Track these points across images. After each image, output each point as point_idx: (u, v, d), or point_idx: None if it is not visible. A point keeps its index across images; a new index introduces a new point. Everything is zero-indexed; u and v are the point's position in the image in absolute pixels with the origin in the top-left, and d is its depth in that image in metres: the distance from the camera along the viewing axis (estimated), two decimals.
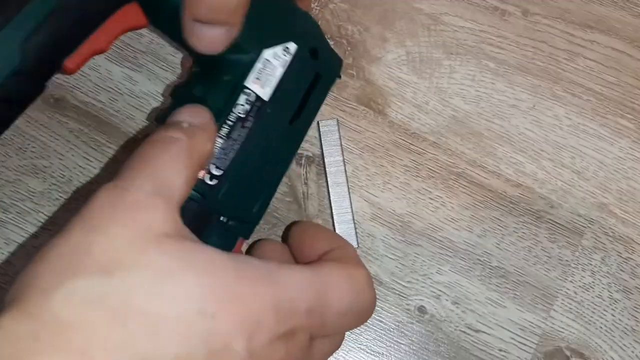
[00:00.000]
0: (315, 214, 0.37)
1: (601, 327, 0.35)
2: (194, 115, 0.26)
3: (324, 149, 0.38)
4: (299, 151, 0.38)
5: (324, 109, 0.38)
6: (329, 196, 0.37)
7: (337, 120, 0.38)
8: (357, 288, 0.26)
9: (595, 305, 0.36)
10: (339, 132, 0.38)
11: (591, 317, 0.36)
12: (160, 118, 0.29)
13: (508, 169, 0.38)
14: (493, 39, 0.40)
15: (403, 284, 0.36)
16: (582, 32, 0.40)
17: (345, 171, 0.37)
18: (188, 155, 0.25)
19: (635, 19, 0.41)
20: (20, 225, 0.36)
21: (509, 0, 0.41)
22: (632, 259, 0.36)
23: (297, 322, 0.23)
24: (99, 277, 0.20)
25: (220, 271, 0.22)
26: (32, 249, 0.36)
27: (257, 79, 0.29)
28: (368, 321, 0.35)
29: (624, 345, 0.35)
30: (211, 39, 0.27)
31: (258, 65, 0.29)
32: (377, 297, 0.36)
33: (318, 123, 0.38)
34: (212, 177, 0.28)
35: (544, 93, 0.39)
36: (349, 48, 0.40)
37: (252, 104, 0.29)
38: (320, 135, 0.38)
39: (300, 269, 0.25)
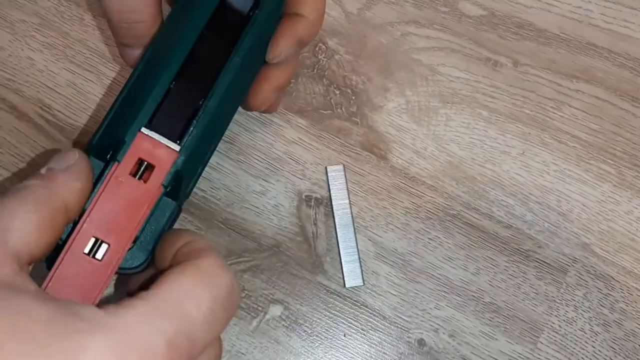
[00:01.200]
0: (324, 253, 0.41)
1: (583, 358, 0.39)
2: (57, 161, 0.27)
3: (331, 192, 0.41)
4: (309, 193, 0.42)
5: (331, 154, 0.42)
6: (337, 237, 0.40)
7: (344, 165, 0.42)
8: (210, 281, 0.24)
9: (578, 337, 0.39)
10: (345, 177, 0.41)
11: (574, 348, 0.39)
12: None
13: (499, 211, 0.41)
14: (486, 88, 0.44)
15: (404, 318, 0.40)
16: (568, 81, 0.44)
17: (352, 213, 0.41)
18: (40, 200, 0.24)
19: (617, 68, 0.44)
20: None
21: (500, 51, 0.45)
22: (611, 295, 0.40)
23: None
24: None
25: (39, 326, 0.20)
26: None
27: None
28: (372, 353, 0.39)
29: None
30: (131, 57, 0.34)
31: None
32: (381, 330, 0.39)
33: (326, 168, 0.41)
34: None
35: (533, 140, 0.43)
36: (353, 97, 0.44)
37: None
38: (328, 179, 0.41)
39: (140, 302, 0.22)
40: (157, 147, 0.29)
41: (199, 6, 0.31)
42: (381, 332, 0.39)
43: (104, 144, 0.29)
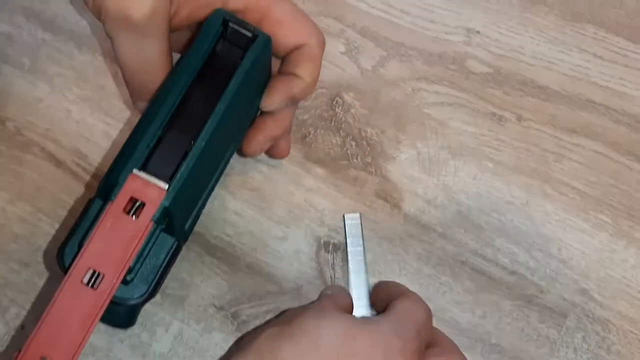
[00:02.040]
0: None
1: None
2: None
3: (347, 239, 0.44)
4: (327, 239, 0.45)
5: (347, 202, 0.45)
6: (349, 282, 0.43)
7: (360, 214, 0.45)
8: (419, 301, 0.38)
9: None
10: (361, 225, 0.45)
11: None
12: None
13: (504, 259, 0.44)
14: (492, 141, 0.47)
15: None
16: (568, 136, 0.47)
17: (365, 259, 0.44)
18: None
19: (615, 124, 0.48)
20: None
21: (505, 107, 0.48)
22: (608, 337, 0.43)
23: (415, 342, 0.33)
24: None
25: None
26: None
27: None
28: None
29: None
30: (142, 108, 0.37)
31: None
32: None
33: (344, 216, 0.45)
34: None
35: (536, 191, 0.46)
36: (368, 148, 0.47)
37: None
38: (345, 227, 0.44)
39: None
40: (147, 186, 0.32)
41: (188, 61, 0.34)
42: None
43: (106, 186, 0.33)
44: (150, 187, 0.32)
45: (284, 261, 0.44)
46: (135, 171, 0.32)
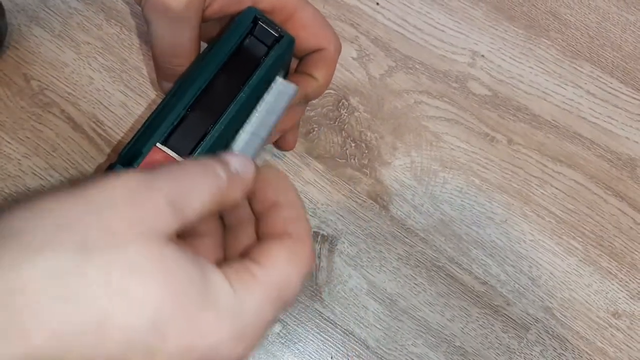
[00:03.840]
0: (323, 284, 0.47)
1: None
2: (243, 166, 0.27)
3: (265, 101, 0.38)
4: (317, 230, 0.48)
5: (340, 198, 0.48)
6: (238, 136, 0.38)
7: (297, 89, 0.39)
8: (304, 274, 0.26)
9: None
10: (289, 101, 0.38)
11: None
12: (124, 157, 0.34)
13: (478, 269, 0.48)
14: (481, 160, 0.50)
15: (385, 350, 0.46)
16: (553, 164, 0.51)
17: (270, 130, 0.38)
18: (218, 192, 0.25)
19: (597, 159, 0.51)
20: None
21: (498, 129, 0.51)
22: (564, 354, 0.46)
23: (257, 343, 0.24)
24: (73, 253, 0.21)
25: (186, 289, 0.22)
26: None
27: None
28: None
29: None
30: (166, 88, 0.40)
31: None
32: (363, 358, 0.45)
33: (277, 78, 0.39)
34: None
35: (515, 211, 0.49)
36: (366, 151, 0.50)
37: None
38: (270, 89, 0.38)
39: (256, 285, 0.24)
40: (167, 159, 0.35)
41: (217, 50, 0.37)
42: (363, 359, 0.46)
43: (129, 155, 0.36)
44: (170, 160, 0.35)
45: None
46: (158, 144, 0.35)
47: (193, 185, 0.24)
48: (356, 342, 0.46)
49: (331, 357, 0.45)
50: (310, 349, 0.45)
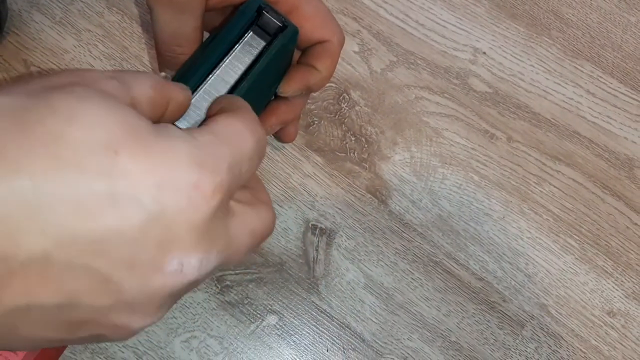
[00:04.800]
0: (321, 276, 0.47)
1: None
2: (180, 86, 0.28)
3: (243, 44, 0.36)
4: (315, 223, 0.48)
5: (339, 191, 0.48)
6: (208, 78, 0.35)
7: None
8: (254, 129, 0.26)
9: None
10: (262, 54, 0.37)
11: None
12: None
13: (475, 265, 0.48)
14: (480, 156, 0.50)
15: (380, 343, 0.46)
16: (551, 162, 0.51)
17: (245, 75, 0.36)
18: (158, 85, 0.25)
19: (595, 157, 0.51)
20: None
21: (498, 126, 0.51)
22: (558, 352, 0.46)
23: (220, 179, 0.23)
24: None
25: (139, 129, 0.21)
26: None
27: None
28: None
29: None
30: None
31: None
32: (359, 351, 0.46)
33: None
34: None
35: (513, 208, 0.49)
36: (366, 145, 0.50)
37: None
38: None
39: (206, 132, 0.24)
40: None
41: (221, 39, 0.37)
42: (359, 352, 0.46)
43: None
44: None
45: (272, 237, 0.47)
46: None
47: (132, 79, 0.24)
48: (352, 335, 0.46)
49: (327, 350, 0.46)
50: (306, 341, 0.46)
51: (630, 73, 0.54)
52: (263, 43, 0.37)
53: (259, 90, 0.39)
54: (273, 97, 0.43)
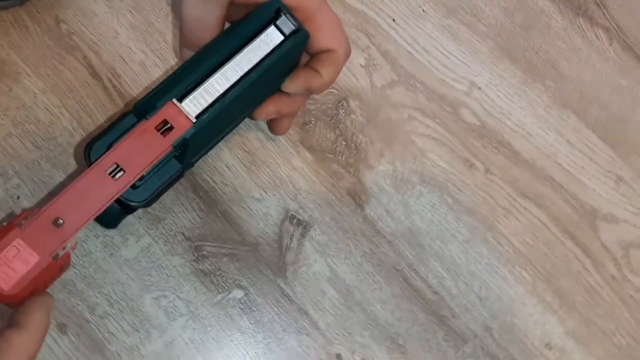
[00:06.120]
0: (290, 263, 0.51)
1: None
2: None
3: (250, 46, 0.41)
4: (294, 214, 0.52)
5: (321, 189, 0.52)
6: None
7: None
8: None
9: None
10: (274, 50, 0.41)
11: None
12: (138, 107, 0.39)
13: (433, 279, 0.52)
14: (457, 182, 0.54)
15: (333, 333, 0.50)
16: (521, 199, 0.55)
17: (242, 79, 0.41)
18: None
19: (563, 203, 0.55)
20: None
21: (479, 157, 0.55)
22: None
23: None
24: None
25: None
26: None
27: None
28: (299, 352, 0.48)
29: None
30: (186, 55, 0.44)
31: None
32: (312, 337, 0.49)
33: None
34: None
35: (478, 234, 0.53)
36: (354, 151, 0.54)
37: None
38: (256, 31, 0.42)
39: None
40: (180, 114, 0.39)
41: (239, 31, 0.41)
42: (311, 338, 0.49)
43: (143, 107, 0.40)
44: (182, 116, 0.39)
45: (253, 219, 0.51)
46: (174, 100, 0.39)
47: None
48: (308, 321, 0.50)
49: (283, 330, 0.49)
50: (265, 319, 0.49)
51: (610, 132, 0.58)
52: (278, 41, 0.41)
53: (266, 81, 0.43)
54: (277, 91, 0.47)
